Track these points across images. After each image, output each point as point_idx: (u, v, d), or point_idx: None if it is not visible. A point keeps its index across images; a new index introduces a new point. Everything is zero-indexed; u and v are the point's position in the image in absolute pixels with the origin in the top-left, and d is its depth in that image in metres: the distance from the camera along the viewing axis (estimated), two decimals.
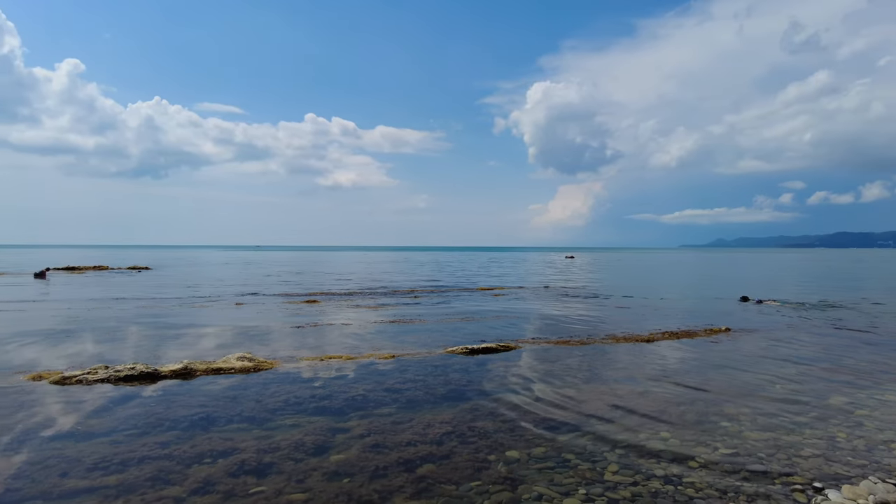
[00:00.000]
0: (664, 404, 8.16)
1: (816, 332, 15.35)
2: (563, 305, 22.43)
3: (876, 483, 5.19)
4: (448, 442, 6.49)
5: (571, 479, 5.45)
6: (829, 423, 7.17)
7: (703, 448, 6.28)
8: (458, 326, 16.07)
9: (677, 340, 13.85)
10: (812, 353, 12.27)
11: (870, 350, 12.59)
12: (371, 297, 25.09)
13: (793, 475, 5.54)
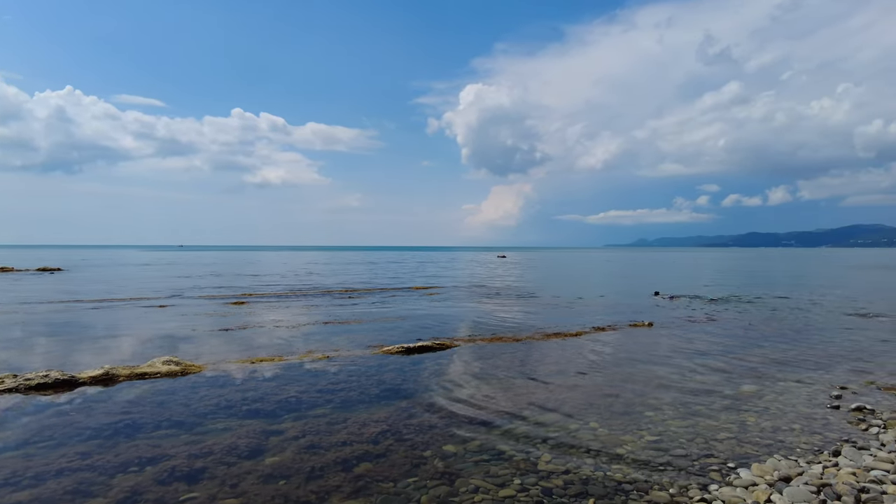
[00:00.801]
0: (593, 396, 8.51)
1: (729, 325, 16.42)
2: (497, 303, 22.85)
3: (780, 460, 5.65)
4: (384, 440, 6.50)
5: (507, 470, 5.61)
6: (741, 409, 7.72)
7: (630, 437, 6.61)
8: (394, 326, 16.05)
9: (604, 335, 14.46)
10: (725, 344, 13.11)
11: (775, 341, 13.59)
12: (303, 298, 24.57)
13: (710, 457, 5.93)
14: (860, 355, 11.67)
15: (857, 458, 5.64)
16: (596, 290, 31.08)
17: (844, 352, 12.09)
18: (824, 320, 17.43)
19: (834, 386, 8.99)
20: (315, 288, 30.30)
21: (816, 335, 14.50)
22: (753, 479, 5.24)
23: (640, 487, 5.17)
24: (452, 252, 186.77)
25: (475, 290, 29.65)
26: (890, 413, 7.46)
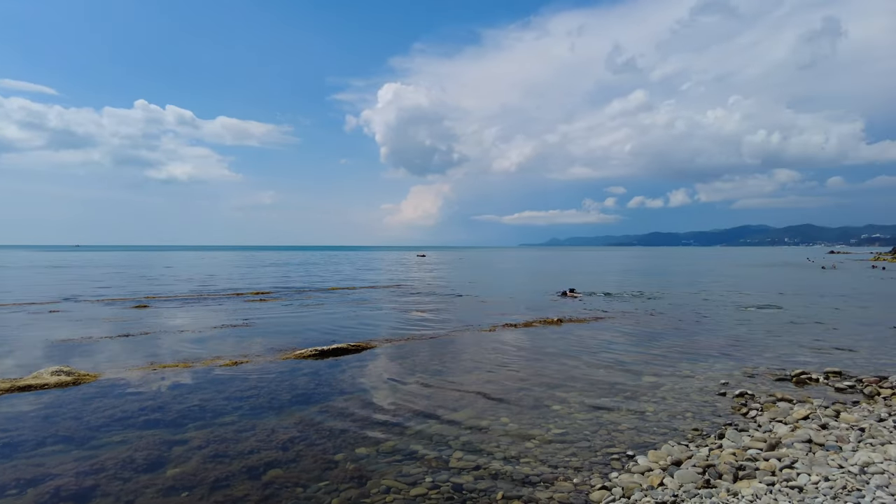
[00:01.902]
0: (504, 391, 8.76)
1: (632, 320, 17.40)
2: (415, 303, 22.91)
3: (673, 446, 6.08)
4: (295, 446, 6.37)
5: (419, 469, 5.66)
6: (641, 400, 8.22)
7: (538, 430, 6.86)
8: (308, 328, 15.69)
9: (516, 331, 14.91)
10: (629, 339, 13.90)
11: (673, 334, 14.57)
12: (211, 301, 23.44)
13: (612, 447, 6.27)
14: (746, 346, 12.73)
15: (737, 439, 6.18)
16: (510, 288, 31.93)
17: (732, 343, 13.14)
18: (716, 314, 18.86)
19: (722, 374, 9.77)
20: (224, 290, 29.00)
21: (709, 328, 15.68)
22: (649, 464, 5.60)
23: (546, 479, 5.39)
24: (371, 252, 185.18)
25: (393, 291, 29.57)
26: (767, 397, 8.22)
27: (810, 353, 11.65)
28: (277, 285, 32.82)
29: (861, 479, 4.45)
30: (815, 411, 7.24)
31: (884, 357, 11.25)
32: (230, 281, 36.95)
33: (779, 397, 8.15)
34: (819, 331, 14.81)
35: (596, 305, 21.63)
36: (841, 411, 7.23)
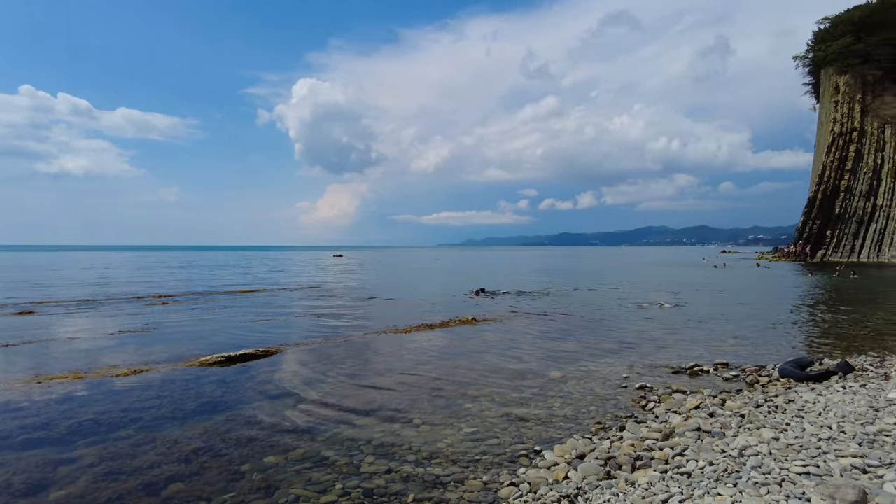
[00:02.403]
0: (418, 392, 8.80)
1: (541, 317, 18.03)
2: (330, 304, 22.50)
3: (577, 440, 6.36)
4: (198, 458, 6.07)
5: (329, 476, 5.57)
6: (548, 395, 8.54)
7: (450, 430, 6.95)
8: (214, 333, 15.00)
9: (431, 331, 15.03)
10: (538, 335, 14.38)
11: (579, 330, 15.24)
12: (108, 306, 21.83)
13: (520, 443, 6.47)
14: (646, 341, 13.52)
15: (636, 430, 6.56)
16: (427, 288, 32.12)
17: (634, 338, 13.93)
18: (619, 311, 19.92)
19: (624, 369, 10.33)
20: (122, 294, 27.09)
21: (612, 324, 16.53)
22: (555, 459, 5.83)
23: (456, 479, 5.48)
24: (286, 252, 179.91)
25: (308, 292, 28.86)
26: (664, 389, 8.79)
27: (703, 347, 12.55)
28: (182, 288, 31.08)
29: (739, 462, 4.86)
30: (704, 401, 7.82)
31: (763, 348, 12.34)
32: (130, 284, 34.56)
33: (674, 389, 8.73)
34: (711, 326, 16.01)
35: (508, 304, 22.19)
36: (726, 400, 7.85)
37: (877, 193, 67.67)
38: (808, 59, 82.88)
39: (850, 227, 68.07)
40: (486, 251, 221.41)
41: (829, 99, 74.30)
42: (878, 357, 10.68)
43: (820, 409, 6.70)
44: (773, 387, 8.67)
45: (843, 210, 68.58)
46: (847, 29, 74.97)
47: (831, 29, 78.66)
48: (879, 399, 6.78)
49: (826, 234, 68.99)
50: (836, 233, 68.55)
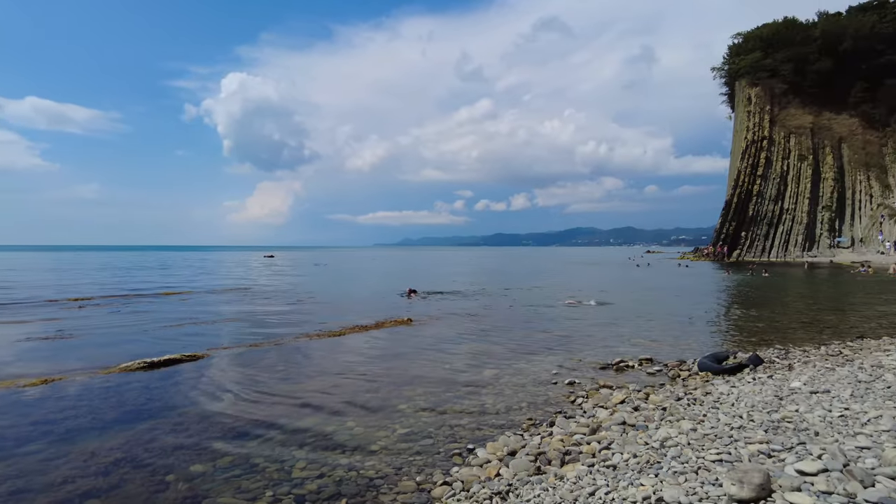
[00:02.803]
0: (352, 395, 8.71)
1: (475, 316, 18.27)
2: (260, 306, 21.85)
3: (509, 437, 6.50)
4: (118, 470, 5.77)
5: (259, 483, 5.44)
6: (482, 394, 8.67)
7: (384, 432, 6.93)
8: (138, 338, 14.24)
9: (366, 333, 14.90)
10: (473, 335, 14.55)
11: (512, 328, 15.55)
12: (17, 309, 20.22)
13: (454, 442, 6.54)
14: (576, 338, 13.97)
15: (565, 426, 6.78)
16: (362, 288, 31.82)
17: (564, 336, 14.36)
18: (550, 310, 20.48)
19: (554, 366, 10.63)
20: (33, 297, 25.19)
21: (544, 322, 16.99)
22: (488, 456, 5.94)
23: (390, 481, 5.48)
24: (214, 252, 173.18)
25: (237, 294, 27.90)
26: (592, 384, 9.12)
27: (629, 343, 13.10)
28: (100, 290, 29.27)
29: (661, 453, 5.12)
30: (629, 395, 8.17)
31: (684, 343, 13.04)
32: (42, 286, 32.19)
33: (601, 384, 9.07)
34: (636, 323, 16.73)
35: (443, 304, 22.34)
36: (650, 394, 8.24)
37: (784, 197, 72.96)
38: (724, 70, 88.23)
39: (761, 229, 73.04)
40: (423, 251, 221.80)
41: (743, 109, 79.37)
42: (783, 350, 11.52)
43: (733, 399, 7.15)
44: (692, 380, 9.17)
45: (755, 213, 73.45)
46: (757, 45, 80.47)
47: (743, 44, 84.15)
48: (784, 388, 7.31)
49: (741, 234, 73.66)
50: (749, 234, 73.34)
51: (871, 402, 5.76)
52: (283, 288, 32.29)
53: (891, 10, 74.55)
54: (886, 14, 73.92)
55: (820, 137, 74.33)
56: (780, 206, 72.79)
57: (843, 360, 9.60)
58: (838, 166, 72.84)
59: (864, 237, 68.57)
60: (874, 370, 7.75)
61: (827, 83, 75.03)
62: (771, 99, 76.54)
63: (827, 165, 72.85)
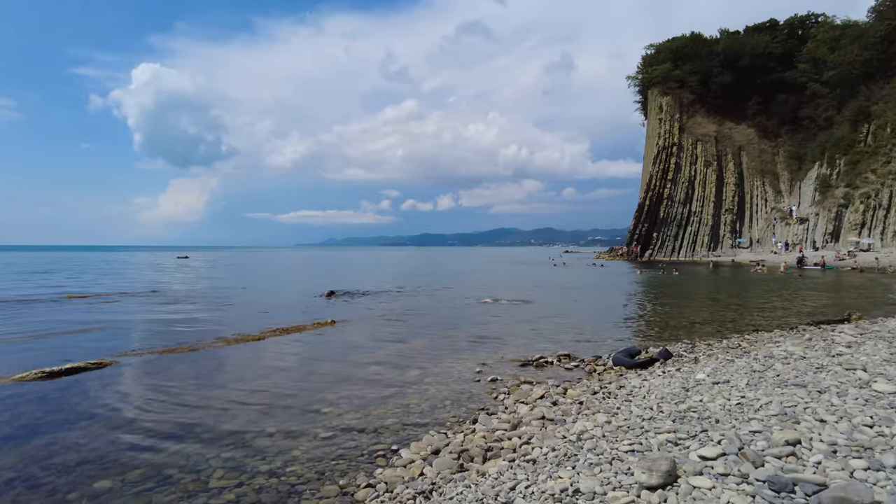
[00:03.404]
0: (272, 400, 8.47)
1: (400, 316, 18.25)
2: (173, 310, 20.72)
3: (433, 436, 6.55)
4: (11, 491, 5.32)
5: (173, 495, 5.18)
6: (406, 394, 8.68)
7: (306, 436, 6.79)
8: (34, 346, 13.13)
9: (287, 336, 14.50)
10: (397, 335, 14.52)
11: (436, 327, 15.67)
12: None
13: (378, 444, 6.51)
14: (498, 336, 14.26)
15: (488, 422, 6.92)
16: (283, 290, 30.94)
17: (487, 333, 14.63)
18: (473, 308, 20.81)
19: (477, 364, 10.80)
20: None
21: (467, 321, 17.25)
22: (412, 456, 5.96)
23: (312, 486, 5.38)
24: (122, 252, 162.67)
25: (148, 297, 26.26)
26: (513, 381, 9.35)
27: (549, 340, 13.53)
28: None
29: (578, 445, 5.34)
30: (549, 391, 8.45)
31: (600, 339, 13.63)
32: None
33: (522, 380, 9.33)
34: (556, 320, 17.31)
35: (368, 305, 22.15)
36: (568, 388, 8.56)
37: (691, 201, 77.85)
38: (638, 79, 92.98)
39: (671, 230, 77.59)
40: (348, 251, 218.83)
41: (655, 116, 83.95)
42: (690, 344, 12.29)
43: (644, 392, 7.57)
44: (607, 374, 9.61)
45: (665, 215, 77.92)
46: (668, 56, 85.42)
47: (656, 55, 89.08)
48: (690, 380, 7.81)
49: (653, 235, 77.94)
50: (660, 235, 77.71)
51: (763, 390, 6.26)
52: (198, 290, 30.73)
53: (780, 32, 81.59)
54: (777, 35, 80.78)
55: (723, 145, 79.91)
56: (689, 209, 77.62)
57: (741, 353, 10.37)
58: (739, 172, 78.58)
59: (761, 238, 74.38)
60: (766, 360, 8.43)
61: (728, 95, 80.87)
62: (680, 108, 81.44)
63: (729, 171, 78.37)
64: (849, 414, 4.70)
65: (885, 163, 60.36)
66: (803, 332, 12.27)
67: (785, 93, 77.04)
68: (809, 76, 72.84)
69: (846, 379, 6.08)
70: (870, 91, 65.75)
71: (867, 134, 64.90)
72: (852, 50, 67.04)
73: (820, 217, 66.41)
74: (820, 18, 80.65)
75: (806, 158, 73.81)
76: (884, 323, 11.45)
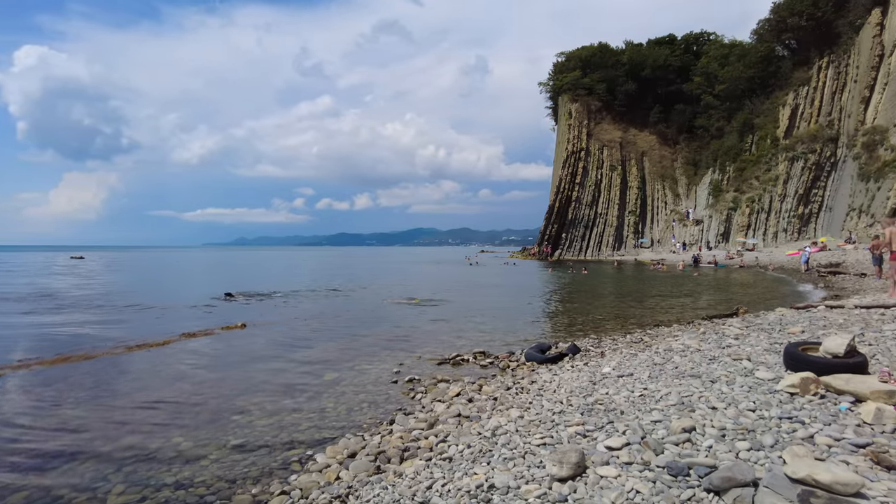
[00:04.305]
0: (179, 409, 8.03)
1: (314, 318, 17.86)
2: (67, 316, 19.07)
3: (350, 439, 6.48)
4: None
5: None
6: (321, 398, 8.50)
7: (215, 444, 6.49)
8: None
9: (195, 341, 13.78)
10: (312, 338, 14.19)
11: (353, 329, 15.45)
12: None
13: (292, 449, 6.34)
14: (416, 336, 14.31)
15: (405, 422, 6.93)
16: (189, 292, 29.37)
17: (405, 334, 14.63)
18: (391, 308, 20.74)
19: (395, 364, 10.78)
20: None
21: (385, 322, 17.18)
22: (328, 461, 5.86)
23: (223, 496, 5.16)
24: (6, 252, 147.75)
25: (38, 302, 23.97)
26: (430, 380, 9.42)
27: (465, 338, 13.73)
28: None
29: (492, 441, 5.46)
30: (465, 388, 8.58)
31: (513, 336, 14.02)
32: None
33: (439, 379, 9.41)
34: (471, 318, 17.61)
35: (280, 307, 21.49)
36: (483, 385, 8.73)
37: (597, 203, 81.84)
38: (549, 86, 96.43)
39: (579, 231, 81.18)
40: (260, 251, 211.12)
41: (564, 122, 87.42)
42: (597, 339, 12.91)
43: (555, 387, 7.86)
44: (520, 370, 9.90)
45: (574, 216, 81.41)
46: (577, 64, 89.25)
47: (566, 62, 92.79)
48: (597, 374, 8.20)
49: (562, 236, 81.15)
50: (569, 235, 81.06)
51: (663, 382, 6.69)
52: (93, 294, 28.48)
53: (678, 46, 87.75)
54: (675, 49, 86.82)
55: (627, 151, 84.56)
56: (595, 211, 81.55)
57: (643, 346, 11.00)
58: (641, 177, 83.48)
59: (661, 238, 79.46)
60: (666, 353, 9.01)
61: (632, 104, 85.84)
62: (588, 114, 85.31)
63: (633, 175, 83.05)
64: (736, 400, 5.12)
65: (767, 170, 66.40)
66: (698, 326, 13.22)
67: (683, 103, 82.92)
68: (703, 89, 78.71)
69: (734, 368, 6.61)
70: (753, 105, 72.09)
71: (752, 144, 71.11)
72: (738, 67, 73.16)
73: (713, 219, 71.87)
74: (712, 37, 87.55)
75: (701, 164, 79.72)
76: (765, 316, 12.56)
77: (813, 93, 64.23)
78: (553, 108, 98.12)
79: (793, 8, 65.14)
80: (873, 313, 9.31)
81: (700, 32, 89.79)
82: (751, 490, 3.17)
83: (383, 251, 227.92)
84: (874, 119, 54.58)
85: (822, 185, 61.25)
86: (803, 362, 5.40)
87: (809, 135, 62.33)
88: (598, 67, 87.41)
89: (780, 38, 70.69)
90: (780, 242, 62.20)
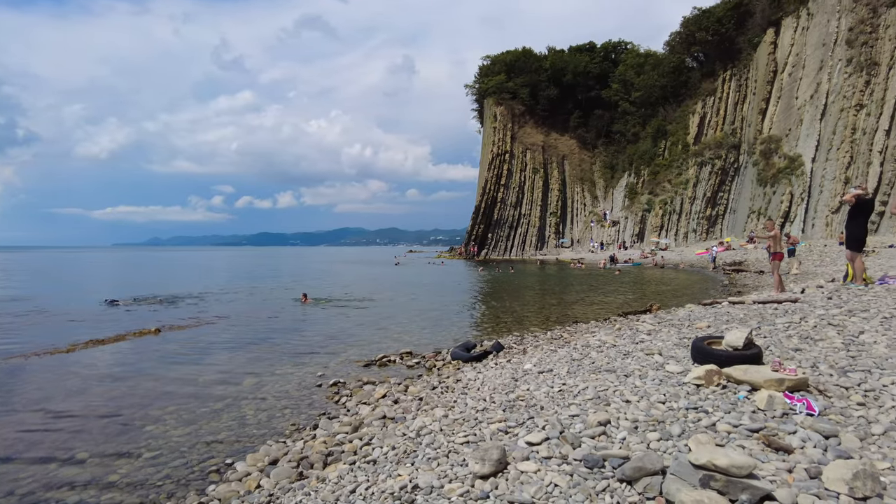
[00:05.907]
0: (85, 421, 7.52)
1: (233, 322, 17.22)
2: None
3: (271, 445, 6.30)
4: None
5: None
6: (241, 404, 8.21)
7: (126, 458, 6.14)
8: None
9: (103, 347, 12.91)
10: (230, 343, 13.63)
11: (274, 333, 15.03)
12: None
13: (210, 459, 6.11)
14: (341, 338, 14.07)
15: (329, 427, 6.83)
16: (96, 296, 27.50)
17: (329, 337, 14.37)
18: (314, 310, 20.30)
19: (319, 367, 10.58)
20: None
21: (308, 324, 16.82)
22: (248, 469, 5.68)
23: None
24: None
25: None
26: (356, 382, 9.32)
27: (392, 339, 13.68)
28: None
29: (417, 442, 5.49)
30: (391, 389, 8.57)
31: (440, 335, 14.14)
32: None
33: (365, 381, 9.33)
34: (397, 318, 17.57)
35: (196, 310, 20.54)
36: (409, 385, 8.75)
37: (521, 204, 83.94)
38: (475, 88, 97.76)
39: (504, 231, 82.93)
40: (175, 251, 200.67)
41: (490, 125, 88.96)
42: (520, 336, 13.23)
43: (479, 384, 8.00)
44: (446, 369, 10.00)
45: (499, 217, 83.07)
46: (502, 68, 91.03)
47: (491, 66, 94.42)
48: (519, 371, 8.42)
49: (488, 236, 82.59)
50: (494, 235, 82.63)
51: (581, 377, 6.96)
52: None
53: (597, 54, 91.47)
54: (595, 57, 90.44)
55: (549, 154, 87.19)
56: (519, 212, 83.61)
57: (562, 343, 11.39)
58: (562, 179, 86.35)
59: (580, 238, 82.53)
60: (584, 349, 9.37)
61: (554, 108, 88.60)
62: (512, 118, 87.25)
63: (554, 178, 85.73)
64: (647, 393, 5.41)
65: (678, 174, 70.50)
66: (614, 323, 13.84)
67: (601, 109, 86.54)
68: (620, 95, 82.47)
69: (647, 363, 6.98)
70: (666, 112, 76.41)
71: (665, 149, 75.30)
72: (652, 76, 77.27)
73: (629, 220, 75.42)
74: (629, 46, 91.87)
75: (618, 168, 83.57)
76: (675, 312, 13.32)
77: (718, 103, 68.99)
78: (479, 111, 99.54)
79: (700, 23, 69.91)
80: (768, 308, 10.10)
81: (618, 41, 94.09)
82: (659, 478, 3.38)
83: (308, 251, 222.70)
84: (770, 129, 59.33)
85: (727, 189, 65.88)
86: (708, 355, 5.78)
87: (716, 142, 66.86)
88: (521, 72, 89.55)
89: (690, 50, 75.45)
90: (691, 242, 66.22)
